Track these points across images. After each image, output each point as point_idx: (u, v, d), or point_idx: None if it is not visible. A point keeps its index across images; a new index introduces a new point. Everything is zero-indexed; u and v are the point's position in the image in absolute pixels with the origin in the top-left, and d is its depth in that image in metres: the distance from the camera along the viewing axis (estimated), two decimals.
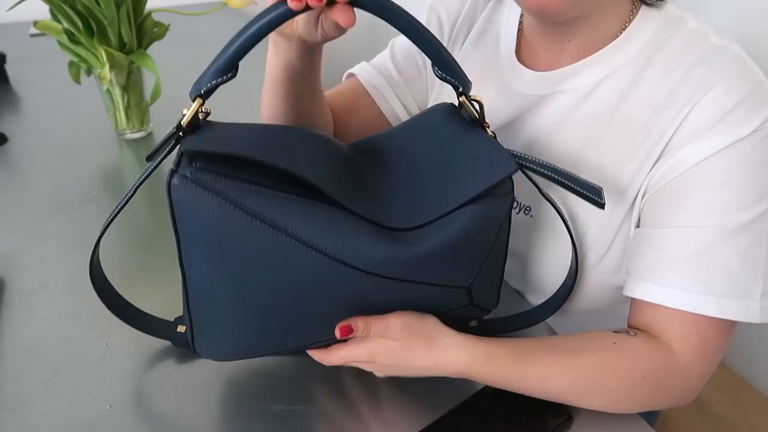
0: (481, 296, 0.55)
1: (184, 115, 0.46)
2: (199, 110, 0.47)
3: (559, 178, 0.51)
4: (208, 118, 0.49)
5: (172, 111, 1.15)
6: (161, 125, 1.14)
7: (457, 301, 0.54)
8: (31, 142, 1.10)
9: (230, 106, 0.69)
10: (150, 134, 1.12)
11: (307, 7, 0.45)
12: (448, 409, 0.54)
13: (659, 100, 0.56)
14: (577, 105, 0.61)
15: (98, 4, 0.93)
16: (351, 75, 0.79)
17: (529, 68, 0.65)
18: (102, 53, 0.98)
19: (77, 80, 1.06)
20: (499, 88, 0.67)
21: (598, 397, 0.53)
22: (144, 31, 1.03)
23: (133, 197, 0.49)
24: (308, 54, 0.59)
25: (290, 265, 0.46)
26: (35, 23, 1.02)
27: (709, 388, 1.10)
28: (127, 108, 1.06)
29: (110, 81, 1.02)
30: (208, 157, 0.44)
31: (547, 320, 0.63)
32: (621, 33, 0.59)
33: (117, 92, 1.04)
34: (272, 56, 0.61)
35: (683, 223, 0.53)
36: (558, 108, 0.62)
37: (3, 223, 0.84)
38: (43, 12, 0.98)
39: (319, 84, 0.65)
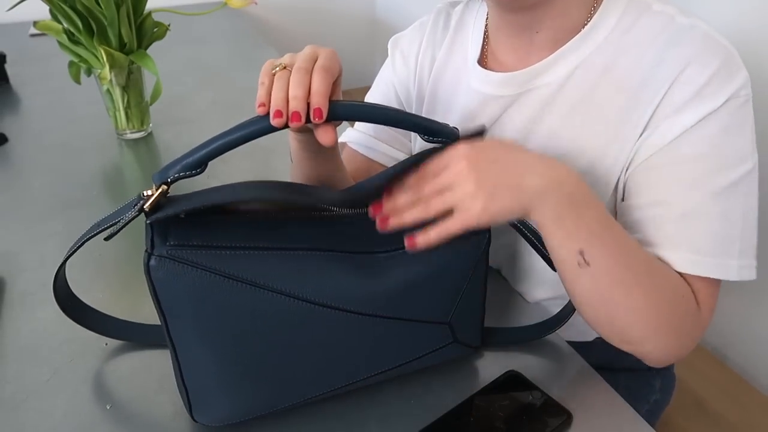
0: (463, 333, 0.57)
1: (147, 196, 0.46)
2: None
3: (530, 236, 0.56)
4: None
5: (172, 111, 1.16)
6: (161, 125, 1.14)
7: (442, 339, 0.56)
8: (31, 142, 1.10)
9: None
10: (150, 134, 1.12)
11: (287, 125, 0.48)
12: (448, 409, 0.54)
13: (634, 85, 0.58)
14: (553, 97, 0.62)
15: (98, 4, 0.93)
16: (343, 144, 0.80)
17: (497, 72, 0.66)
18: (102, 53, 0.98)
19: (77, 80, 1.06)
20: (472, 97, 0.68)
21: (646, 289, 0.52)
22: (144, 31, 1.03)
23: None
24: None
25: (273, 317, 0.48)
26: (35, 23, 1.02)
27: (709, 388, 1.10)
28: (127, 108, 1.07)
29: (110, 81, 1.02)
30: (179, 232, 0.46)
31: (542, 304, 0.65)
32: (588, 22, 0.61)
33: (117, 92, 1.04)
34: (298, 149, 0.63)
35: (668, 195, 0.56)
36: (535, 104, 0.64)
37: (3, 223, 0.84)
38: (43, 12, 0.98)
39: (338, 154, 0.68)
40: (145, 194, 0.47)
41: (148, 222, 0.46)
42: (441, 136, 0.53)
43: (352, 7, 2.32)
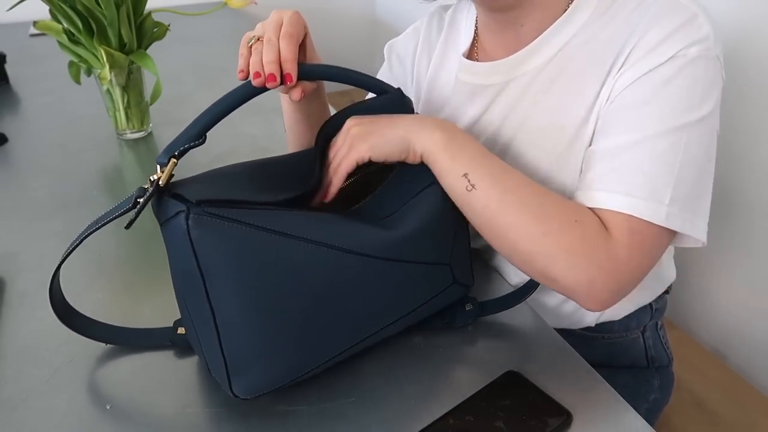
0: (460, 273, 0.62)
1: (157, 177, 0.50)
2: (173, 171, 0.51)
3: None
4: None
5: (172, 111, 1.16)
6: (161, 125, 1.14)
7: (445, 280, 0.61)
8: (31, 142, 1.10)
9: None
10: (150, 134, 1.12)
11: (265, 88, 0.56)
12: (448, 409, 0.54)
13: (609, 56, 0.61)
14: (534, 78, 0.66)
15: (98, 4, 0.93)
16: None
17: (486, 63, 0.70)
18: (102, 53, 0.98)
19: (77, 80, 1.06)
20: (462, 89, 0.72)
21: (533, 211, 0.55)
22: (144, 31, 1.03)
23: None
24: (312, 96, 0.69)
25: (307, 266, 0.51)
26: (35, 23, 1.02)
27: (709, 388, 1.10)
28: (127, 108, 1.07)
29: (110, 81, 1.02)
30: (211, 199, 0.49)
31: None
32: (569, 6, 0.64)
33: (117, 92, 1.04)
34: (286, 105, 0.74)
35: (606, 139, 0.59)
36: (521, 88, 0.67)
37: (3, 223, 0.84)
38: (43, 12, 0.98)
39: (327, 112, 0.75)
40: (152, 179, 0.50)
41: (165, 194, 0.49)
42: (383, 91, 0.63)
43: (352, 7, 2.32)
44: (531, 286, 0.65)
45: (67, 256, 0.53)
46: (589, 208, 0.57)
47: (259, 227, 0.49)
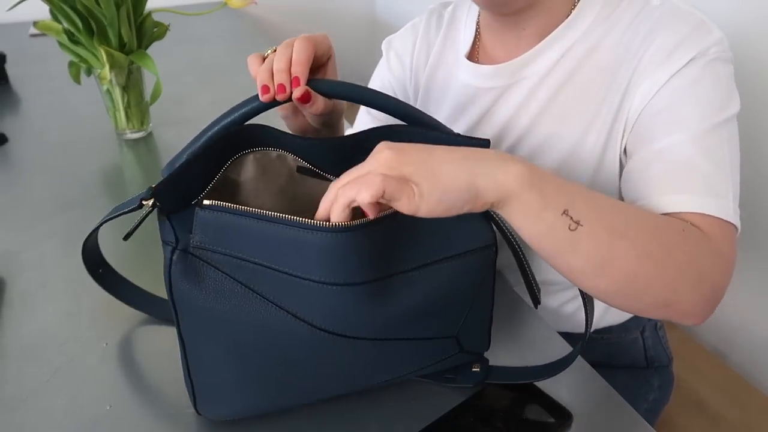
0: (470, 342, 0.55)
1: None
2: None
3: (523, 261, 0.53)
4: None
5: (172, 111, 1.16)
6: (161, 125, 1.14)
7: (448, 350, 0.54)
8: (31, 142, 1.10)
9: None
10: (150, 134, 1.12)
11: (275, 102, 0.51)
12: (448, 409, 0.54)
13: (612, 64, 0.61)
14: (539, 85, 0.66)
15: (98, 4, 0.93)
16: None
17: (487, 65, 0.69)
18: (102, 53, 0.98)
19: (77, 80, 1.06)
20: (462, 91, 0.72)
21: (647, 231, 0.48)
22: (144, 31, 1.03)
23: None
24: (327, 121, 0.61)
25: (281, 336, 0.47)
26: (35, 23, 1.02)
27: (709, 388, 1.10)
28: (127, 108, 1.06)
29: (110, 81, 1.02)
30: (203, 234, 0.46)
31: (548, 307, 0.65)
32: (571, 11, 0.64)
33: (117, 92, 1.04)
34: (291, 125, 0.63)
35: (651, 147, 0.57)
36: (523, 93, 0.66)
37: (3, 223, 0.84)
38: (43, 12, 0.98)
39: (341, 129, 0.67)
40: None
41: (164, 216, 0.47)
42: (418, 123, 0.53)
43: (352, 7, 2.32)
44: (547, 372, 0.55)
45: (98, 228, 0.53)
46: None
47: (242, 284, 0.46)
